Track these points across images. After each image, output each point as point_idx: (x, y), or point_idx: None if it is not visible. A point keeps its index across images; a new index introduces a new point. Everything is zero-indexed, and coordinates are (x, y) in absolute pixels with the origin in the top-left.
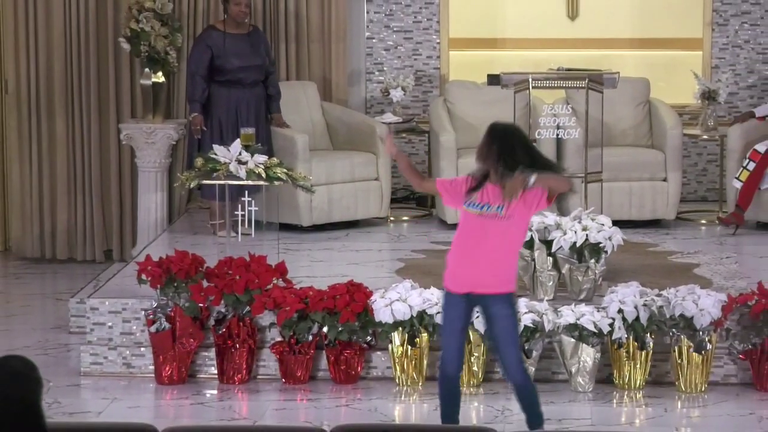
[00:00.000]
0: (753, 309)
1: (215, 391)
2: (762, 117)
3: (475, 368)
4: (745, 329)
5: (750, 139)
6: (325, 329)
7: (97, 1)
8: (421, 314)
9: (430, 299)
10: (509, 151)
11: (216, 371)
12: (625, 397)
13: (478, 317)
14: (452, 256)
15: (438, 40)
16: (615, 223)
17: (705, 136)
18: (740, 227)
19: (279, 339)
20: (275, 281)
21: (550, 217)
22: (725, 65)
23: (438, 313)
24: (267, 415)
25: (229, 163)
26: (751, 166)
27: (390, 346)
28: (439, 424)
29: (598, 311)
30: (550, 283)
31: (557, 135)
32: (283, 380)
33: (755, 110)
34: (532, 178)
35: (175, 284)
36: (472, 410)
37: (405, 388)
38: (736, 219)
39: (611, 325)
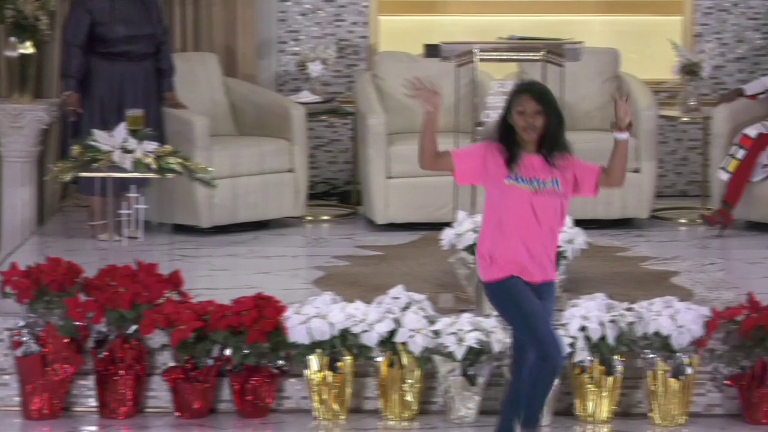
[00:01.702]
0: (742, 326)
1: (95, 428)
2: (753, 95)
3: (408, 397)
4: (732, 350)
5: (739, 122)
6: (228, 352)
7: None
8: (345, 333)
9: (355, 315)
10: (557, 112)
11: (96, 403)
12: (588, 431)
13: (413, 336)
14: (499, 242)
15: (365, 3)
16: (578, 223)
17: (685, 119)
18: (727, 227)
19: (173, 364)
20: (168, 294)
21: None
22: (710, 33)
23: (365, 332)
24: None
25: (113, 151)
26: (741, 154)
27: (306, 371)
28: None
29: (556, 329)
30: None
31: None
32: (178, 413)
33: (745, 87)
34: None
35: (47, 298)
36: None
37: (324, 423)
38: (722, 218)
39: (572, 345)
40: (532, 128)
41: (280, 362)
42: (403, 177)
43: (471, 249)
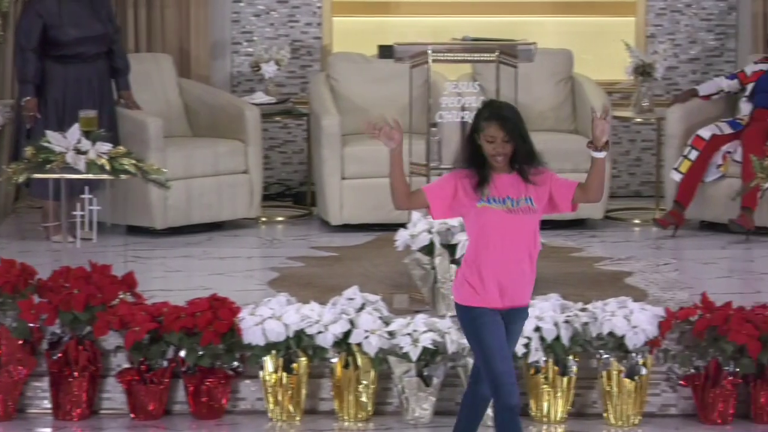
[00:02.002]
0: (696, 326)
1: (49, 430)
2: (707, 96)
3: (363, 398)
4: (686, 350)
5: (692, 123)
6: (182, 353)
7: None
8: (299, 335)
9: (309, 316)
10: (526, 136)
11: (50, 405)
12: (544, 431)
13: (367, 337)
14: (476, 267)
15: (319, 4)
16: None
17: (639, 120)
18: (680, 228)
19: (127, 366)
20: (122, 296)
21: None
22: (663, 34)
23: (319, 333)
24: None
25: (66, 152)
26: (694, 155)
27: (261, 373)
28: None
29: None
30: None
31: (462, 118)
32: (132, 415)
33: (698, 88)
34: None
35: (0, 300)
36: None
37: (279, 424)
38: (675, 218)
39: (526, 346)
40: (501, 155)
41: (235, 363)
42: (358, 178)
43: (425, 250)
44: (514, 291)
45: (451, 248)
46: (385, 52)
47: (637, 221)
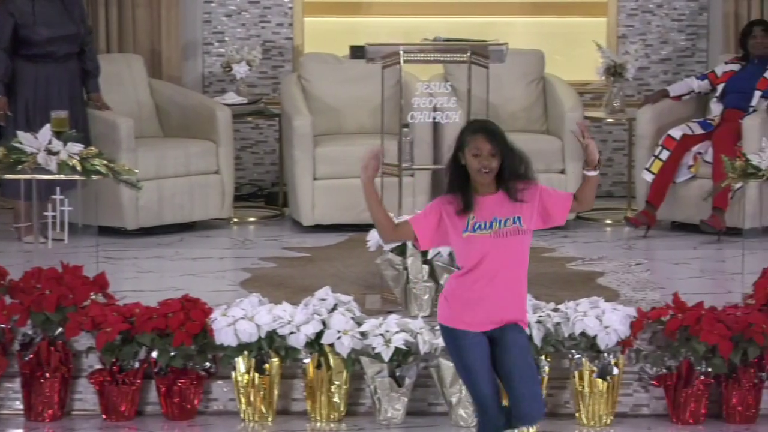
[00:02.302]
0: (668, 326)
1: (21, 431)
2: (678, 96)
3: (336, 399)
4: (658, 350)
5: (663, 123)
6: (154, 354)
7: None
8: (272, 335)
9: (281, 317)
10: (512, 151)
11: (22, 406)
12: None
13: (340, 337)
14: (462, 291)
15: (290, 5)
16: None
17: (610, 120)
18: (652, 228)
19: (99, 366)
20: (94, 297)
21: None
22: (634, 35)
23: (291, 333)
24: None
25: (37, 153)
26: (665, 155)
27: (233, 373)
28: None
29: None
30: (426, 296)
31: (434, 118)
32: (104, 416)
33: (669, 88)
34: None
35: None
36: None
37: (252, 424)
38: (646, 218)
39: None
40: (488, 170)
41: (207, 364)
42: (330, 178)
43: (398, 250)
44: (503, 313)
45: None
46: (357, 52)
47: (608, 222)
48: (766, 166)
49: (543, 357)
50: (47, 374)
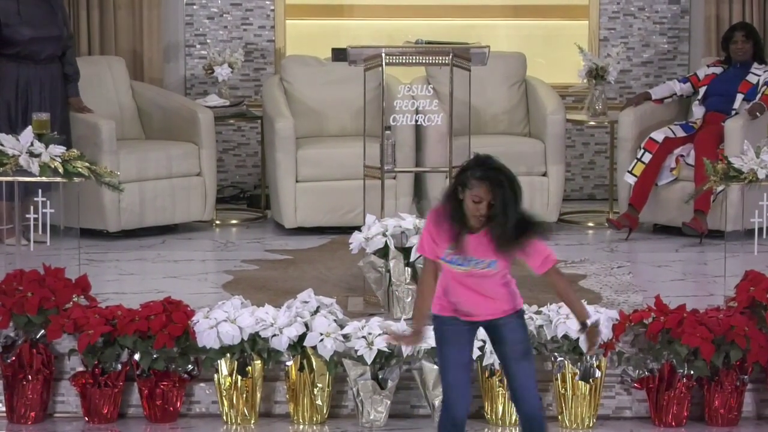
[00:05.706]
0: (650, 328)
1: None
2: (659, 99)
3: (319, 402)
4: (640, 353)
5: (645, 126)
6: (136, 357)
7: None
8: (254, 338)
9: (264, 319)
10: (513, 202)
11: (4, 408)
12: None
13: (322, 340)
14: (450, 295)
15: (272, 7)
16: None
17: (592, 123)
18: (634, 231)
19: (81, 369)
20: (76, 299)
21: (408, 220)
22: (615, 37)
23: (274, 336)
24: None
25: (19, 155)
26: (647, 157)
27: (216, 376)
28: None
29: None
30: (408, 299)
31: (416, 121)
32: (86, 419)
33: (651, 91)
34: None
35: None
36: None
37: (234, 427)
38: (628, 221)
39: (481, 348)
40: (482, 216)
41: (189, 367)
42: (312, 181)
43: (380, 253)
44: (494, 308)
45: (405, 251)
46: (339, 54)
47: (591, 224)
48: (747, 169)
49: None
50: (29, 376)
